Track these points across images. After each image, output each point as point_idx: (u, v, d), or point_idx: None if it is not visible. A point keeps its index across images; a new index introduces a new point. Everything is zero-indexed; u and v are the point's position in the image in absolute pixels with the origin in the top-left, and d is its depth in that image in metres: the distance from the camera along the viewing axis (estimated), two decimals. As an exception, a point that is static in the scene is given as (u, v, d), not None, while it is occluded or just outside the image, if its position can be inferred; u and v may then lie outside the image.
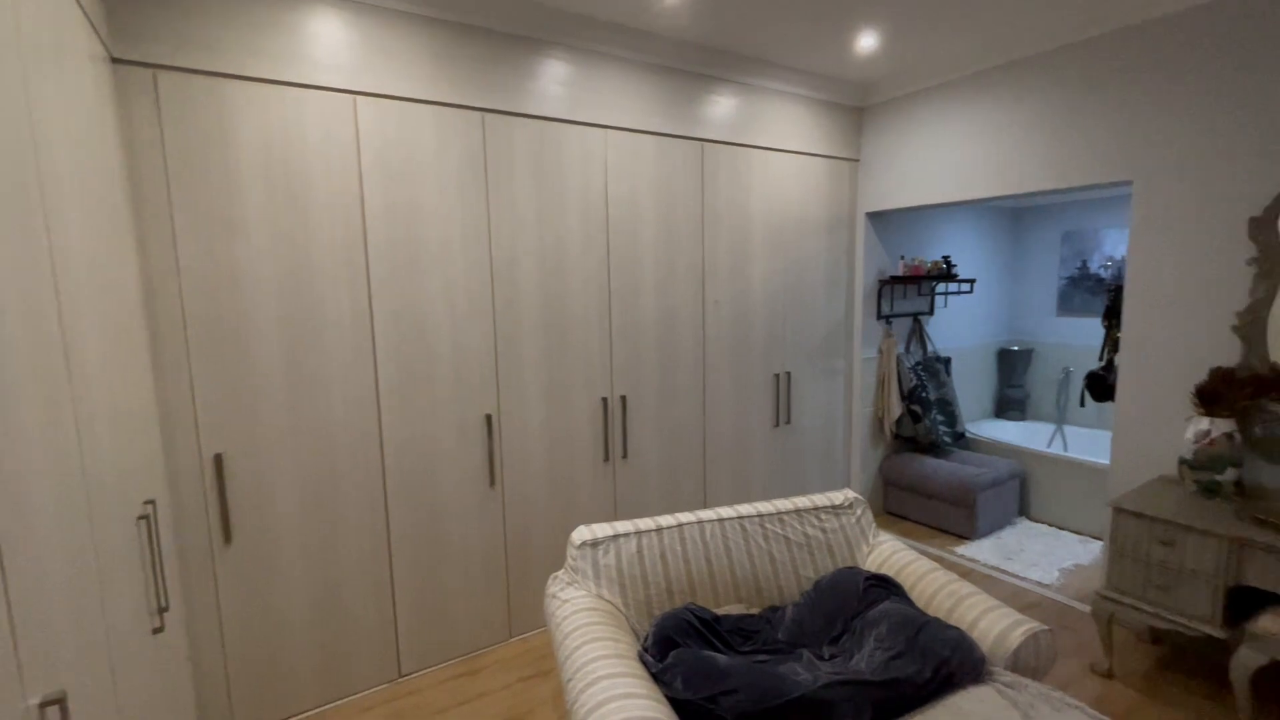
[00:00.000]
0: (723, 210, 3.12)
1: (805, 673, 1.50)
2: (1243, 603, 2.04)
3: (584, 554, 1.83)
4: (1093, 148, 2.67)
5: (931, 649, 1.56)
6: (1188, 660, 2.44)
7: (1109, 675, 2.34)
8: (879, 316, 3.86)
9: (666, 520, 2.01)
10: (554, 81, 2.54)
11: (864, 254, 3.71)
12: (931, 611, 1.86)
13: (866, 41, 2.84)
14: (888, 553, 2.13)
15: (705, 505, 3.21)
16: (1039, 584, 3.07)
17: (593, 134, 2.67)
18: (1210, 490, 2.24)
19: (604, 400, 2.81)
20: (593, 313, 2.74)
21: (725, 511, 2.09)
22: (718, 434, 3.24)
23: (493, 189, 2.44)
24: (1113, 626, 2.33)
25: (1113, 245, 4.40)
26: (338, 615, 2.25)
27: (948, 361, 4.23)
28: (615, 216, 2.77)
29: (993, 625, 1.72)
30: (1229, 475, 2.21)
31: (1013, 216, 4.94)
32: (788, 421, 3.53)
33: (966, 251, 4.54)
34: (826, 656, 1.66)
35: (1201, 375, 2.35)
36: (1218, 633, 2.02)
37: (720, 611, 1.84)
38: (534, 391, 2.62)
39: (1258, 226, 2.22)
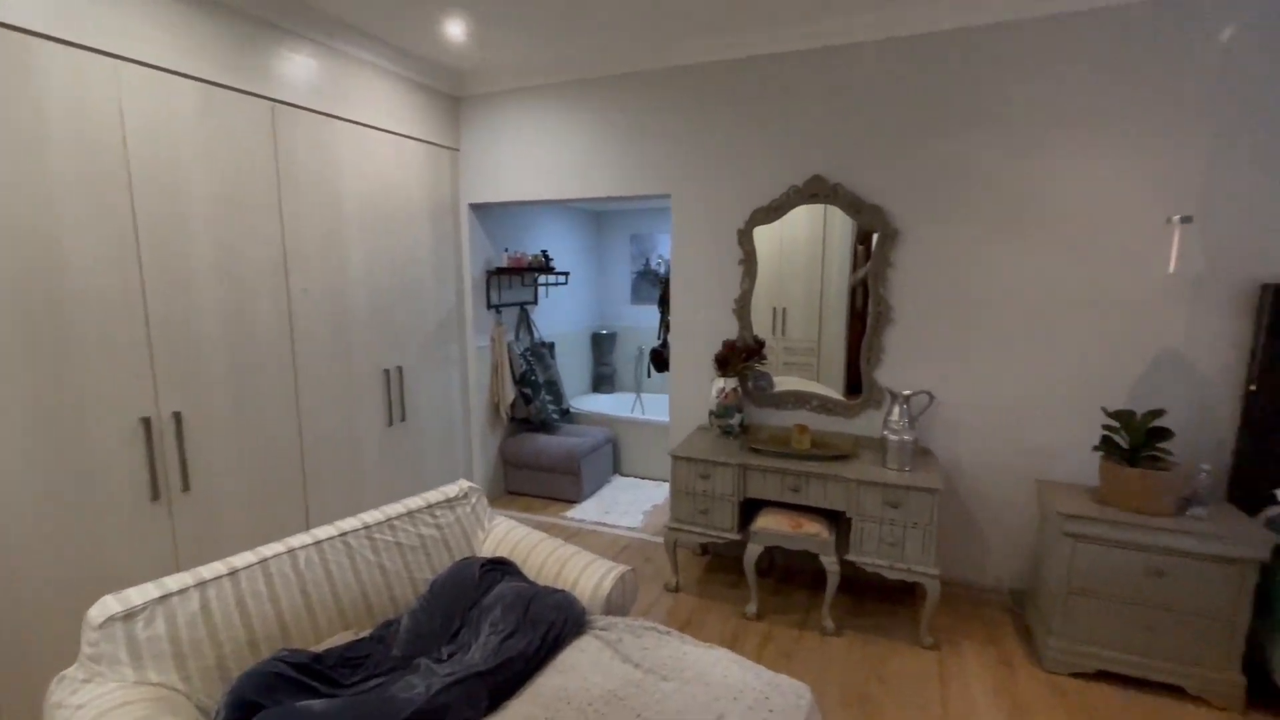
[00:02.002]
0: (306, 186, 2.71)
1: (421, 684, 1.43)
2: (749, 511, 2.81)
3: (110, 634, 1.35)
4: (645, 164, 3.25)
5: (541, 617, 1.67)
6: (724, 563, 3.25)
7: (677, 590, 2.95)
8: (489, 306, 3.97)
9: (244, 559, 1.65)
10: (9, -25, 1.77)
11: (470, 244, 3.75)
12: (543, 580, 2.00)
13: (454, 29, 2.83)
14: (503, 533, 2.21)
15: (308, 527, 2.79)
16: (629, 529, 3.67)
17: (95, 64, 1.97)
18: (727, 432, 3.01)
19: (146, 421, 2.15)
20: (113, 306, 2.05)
21: (323, 531, 1.84)
22: (319, 443, 2.85)
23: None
24: (677, 550, 2.94)
25: (664, 246, 5.51)
26: None
27: (552, 346, 4.65)
28: (145, 181, 2.12)
29: (590, 578, 1.96)
30: (737, 419, 3.01)
31: (594, 218, 5.71)
32: (403, 419, 3.35)
33: (561, 247, 5.04)
34: (445, 657, 1.62)
35: (718, 347, 3.12)
36: (736, 537, 2.74)
37: (321, 648, 1.61)
38: (8, 422, 1.82)
39: (741, 236, 3.06)
